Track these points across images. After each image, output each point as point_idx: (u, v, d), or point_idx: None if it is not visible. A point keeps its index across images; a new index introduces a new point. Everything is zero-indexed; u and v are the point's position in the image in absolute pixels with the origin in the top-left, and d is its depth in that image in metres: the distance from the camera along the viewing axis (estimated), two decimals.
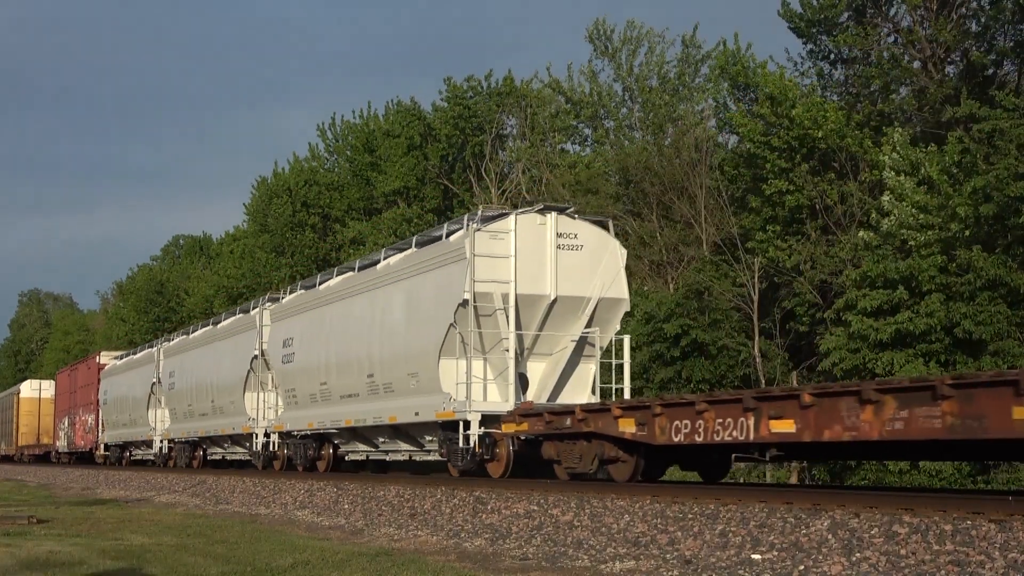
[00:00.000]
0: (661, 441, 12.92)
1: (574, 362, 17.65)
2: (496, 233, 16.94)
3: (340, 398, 20.84)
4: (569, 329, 17.37)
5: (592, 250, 17.41)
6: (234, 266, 50.08)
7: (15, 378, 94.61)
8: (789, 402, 11.08)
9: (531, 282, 16.90)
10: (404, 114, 38.84)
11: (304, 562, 9.93)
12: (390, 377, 18.87)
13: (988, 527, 8.13)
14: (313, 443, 22.67)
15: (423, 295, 18.02)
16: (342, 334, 20.76)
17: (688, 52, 34.66)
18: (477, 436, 16.46)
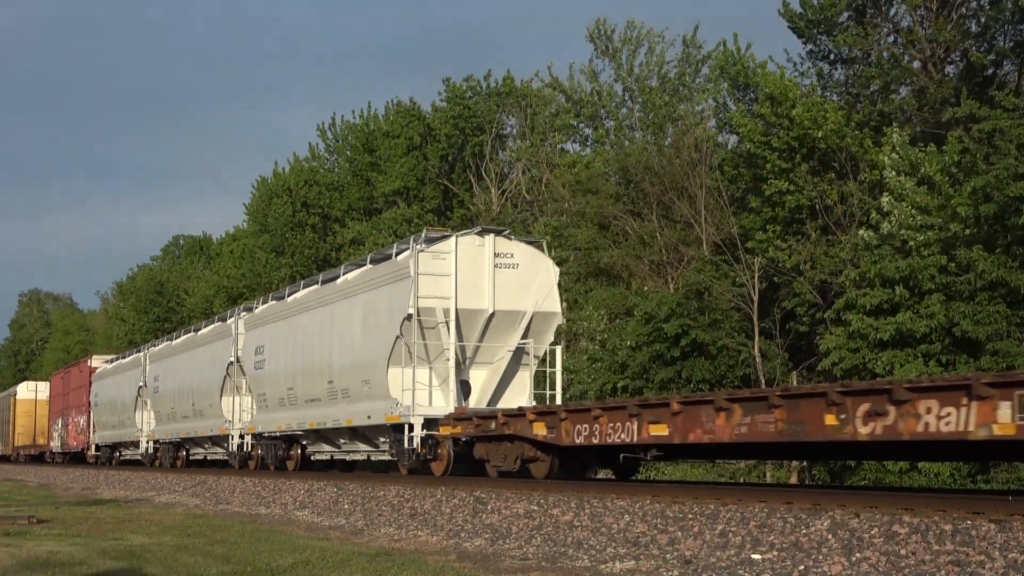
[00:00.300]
0: (567, 442, 14.54)
1: (512, 370, 19.35)
2: (438, 253, 18.64)
3: (305, 402, 22.50)
4: (507, 340, 18.99)
5: (527, 268, 19.07)
6: (234, 266, 50.07)
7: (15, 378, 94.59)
8: (663, 409, 12.62)
9: (471, 298, 18.60)
10: (404, 114, 38.84)
11: (304, 562, 9.93)
12: (347, 383, 20.62)
13: (988, 527, 8.13)
14: (283, 444, 24.35)
15: (374, 309, 19.78)
16: (306, 343, 22.52)
17: (688, 52, 34.68)
18: (420, 438, 18.18)
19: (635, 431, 13.10)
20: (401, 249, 19.61)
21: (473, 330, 18.82)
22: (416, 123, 38.23)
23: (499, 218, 35.21)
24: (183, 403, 30.66)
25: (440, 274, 18.49)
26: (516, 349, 19.07)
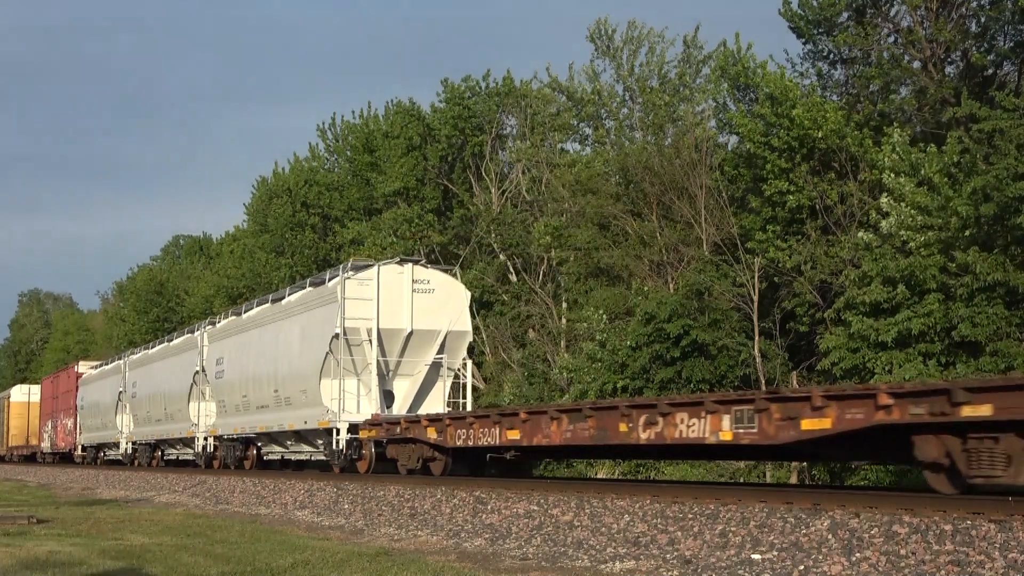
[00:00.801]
0: (451, 444, 17.23)
1: (431, 380, 22.24)
2: (363, 280, 21.48)
3: (256, 408, 25.28)
4: (425, 355, 21.97)
5: (442, 293, 22.04)
6: (234, 266, 50.03)
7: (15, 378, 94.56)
8: (515, 418, 15.45)
9: (392, 318, 21.51)
10: (403, 114, 38.79)
11: (304, 562, 9.93)
12: (289, 392, 23.42)
13: (988, 527, 8.13)
14: (240, 445, 27.08)
15: (310, 328, 22.68)
16: (257, 355, 25.36)
17: (689, 53, 34.66)
18: (345, 440, 20.99)
19: (497, 435, 15.97)
20: (332, 276, 22.48)
21: (394, 346, 21.72)
22: (416, 123, 38.19)
23: (499, 218, 35.20)
24: (157, 407, 33.44)
25: (364, 298, 21.36)
26: (433, 363, 22.00)
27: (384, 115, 41.23)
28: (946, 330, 20.09)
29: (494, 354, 34.55)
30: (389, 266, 21.93)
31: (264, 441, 26.02)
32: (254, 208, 48.90)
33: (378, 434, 19.67)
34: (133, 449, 36.75)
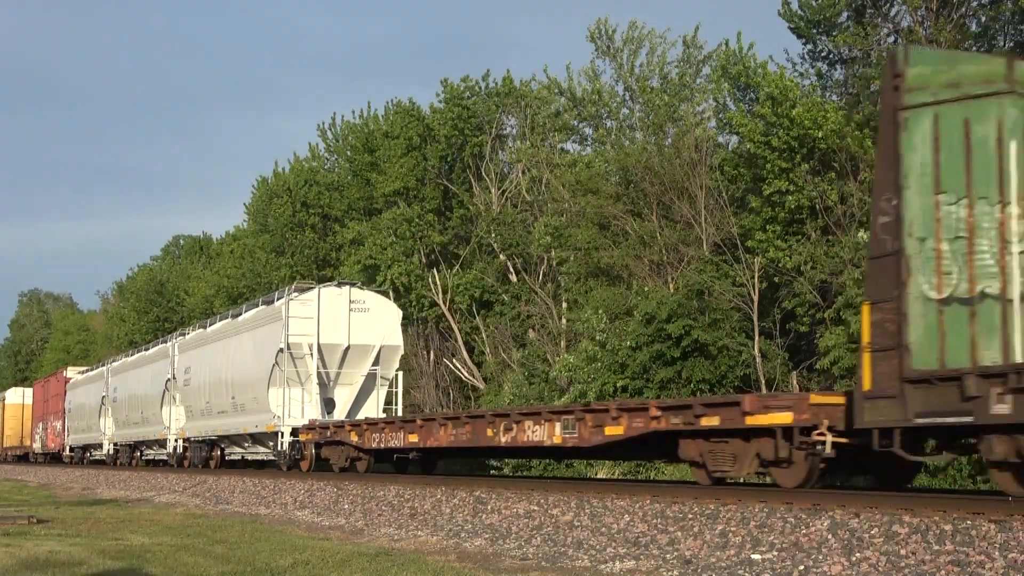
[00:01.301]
0: (368, 446, 19.88)
1: (368, 389, 25.04)
2: (305, 300, 24.35)
3: (217, 413, 28.07)
4: (361, 367, 24.80)
5: (376, 312, 24.94)
6: (234, 266, 50.01)
7: (15, 378, 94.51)
8: (414, 424, 18.31)
9: (331, 334, 24.33)
10: (403, 115, 38.76)
11: (304, 562, 9.94)
12: (243, 399, 26.20)
13: (988, 527, 8.13)
14: (206, 446, 29.70)
15: (260, 342, 25.58)
16: (218, 365, 28.13)
17: (689, 53, 34.63)
18: (288, 442, 23.82)
19: (402, 438, 18.56)
20: (279, 296, 25.34)
21: (334, 359, 24.59)
22: (415, 123, 38.16)
23: (499, 218, 35.19)
24: (135, 411, 36.09)
25: (306, 317, 24.17)
26: (369, 373, 24.83)
27: (384, 115, 41.19)
28: None
29: (494, 354, 34.56)
30: (329, 288, 25.06)
31: (226, 443, 28.85)
32: (254, 208, 48.87)
33: (314, 437, 22.60)
34: (115, 450, 39.24)
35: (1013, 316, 9.98)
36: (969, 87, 10.33)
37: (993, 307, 9.99)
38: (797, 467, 11.64)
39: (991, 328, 9.96)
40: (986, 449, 9.66)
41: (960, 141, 10.21)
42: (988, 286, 10.04)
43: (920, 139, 10.26)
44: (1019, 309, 10.02)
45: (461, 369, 36.14)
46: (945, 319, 10.01)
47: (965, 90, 10.33)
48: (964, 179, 10.14)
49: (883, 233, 10.37)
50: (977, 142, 10.19)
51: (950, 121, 10.24)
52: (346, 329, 24.54)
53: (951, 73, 10.47)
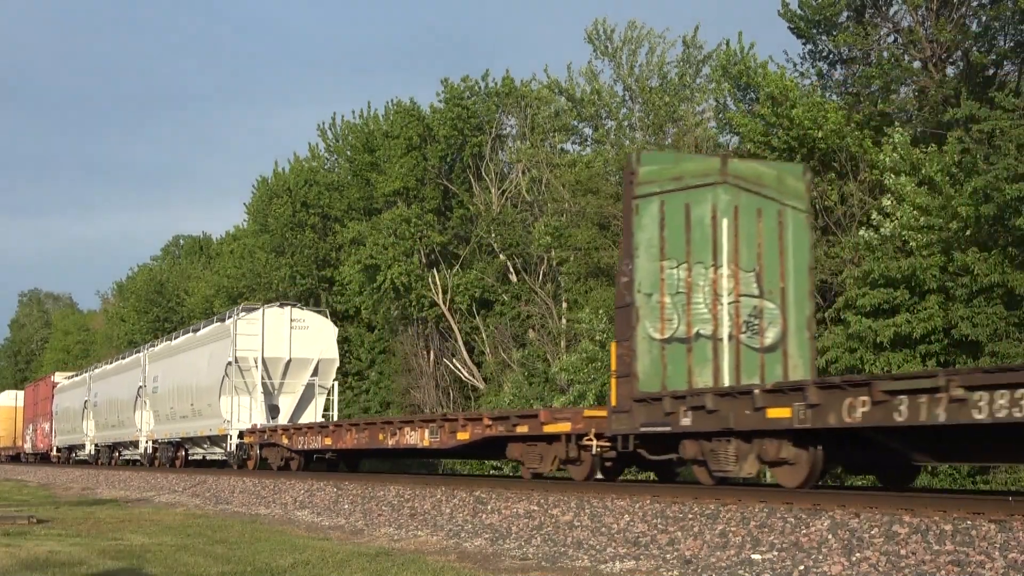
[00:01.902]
0: (297, 447, 23.34)
1: (308, 397, 28.83)
2: (251, 319, 27.86)
3: (180, 417, 31.70)
4: (302, 378, 28.66)
5: (315, 329, 28.70)
6: (234, 266, 50.00)
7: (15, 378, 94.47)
8: (328, 428, 22.03)
9: (274, 349, 27.97)
10: (403, 114, 38.73)
11: (304, 562, 9.94)
12: (200, 406, 29.73)
13: (988, 527, 8.13)
14: (171, 447, 33.41)
15: (213, 355, 29.07)
16: (179, 375, 31.92)
17: (689, 53, 34.60)
18: (235, 444, 27.31)
19: (320, 441, 22.06)
20: (229, 316, 28.98)
21: (277, 371, 28.30)
22: (415, 123, 38.13)
23: (499, 218, 35.17)
24: (112, 415, 39.27)
25: (252, 334, 27.67)
26: (309, 383, 28.62)
27: (384, 115, 41.17)
28: (945, 330, 20.06)
29: (494, 354, 34.55)
30: (272, 308, 28.77)
31: (189, 444, 32.32)
32: (254, 208, 48.85)
33: (256, 439, 25.96)
34: (96, 450, 42.03)
35: (722, 351, 13.58)
36: (690, 180, 13.81)
37: (706, 344, 13.55)
38: (585, 464, 15.04)
39: (704, 360, 13.50)
40: (681, 450, 13.02)
41: (682, 220, 13.63)
42: (702, 328, 13.60)
43: (649, 219, 13.53)
44: (727, 345, 13.71)
45: (461, 369, 36.14)
46: (667, 354, 13.40)
47: (687, 182, 13.77)
48: (685, 248, 13.61)
49: (623, 289, 13.54)
50: (695, 220, 13.67)
51: (674, 205, 13.63)
52: (287, 344, 28.21)
53: (676, 169, 13.91)
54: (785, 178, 14.69)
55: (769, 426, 11.33)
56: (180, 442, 32.55)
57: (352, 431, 20.78)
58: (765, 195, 14.36)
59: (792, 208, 14.46)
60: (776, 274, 14.20)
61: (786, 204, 14.43)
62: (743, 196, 14.17)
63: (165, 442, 33.51)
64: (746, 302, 13.99)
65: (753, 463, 11.93)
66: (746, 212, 14.13)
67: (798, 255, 14.39)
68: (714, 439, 12.29)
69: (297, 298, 43.20)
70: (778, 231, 14.30)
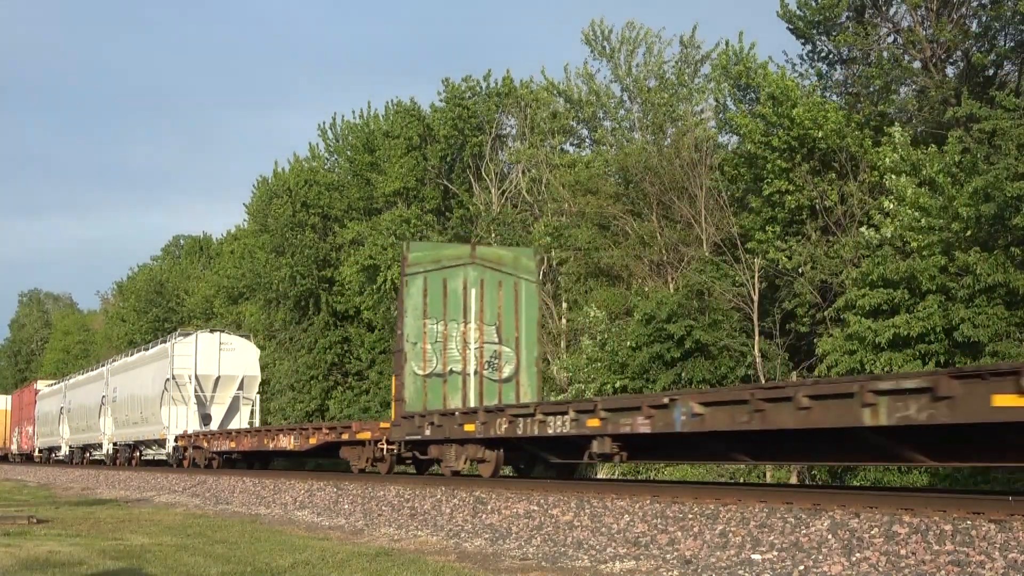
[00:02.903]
0: (212, 449, 29.38)
1: (235, 407, 34.64)
2: (186, 343, 33.81)
3: (132, 424, 37.32)
4: (230, 391, 34.49)
5: (240, 350, 34.65)
6: (234, 266, 49.98)
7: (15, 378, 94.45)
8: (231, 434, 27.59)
9: (206, 367, 33.80)
10: (403, 114, 38.70)
11: (304, 562, 9.93)
12: (147, 414, 35.49)
13: (988, 527, 8.12)
14: (128, 448, 38.42)
15: (156, 372, 34.96)
16: (132, 387, 37.61)
17: (687, 53, 34.59)
18: (172, 446, 32.90)
19: (227, 444, 27.32)
20: (168, 339, 35.20)
21: (208, 385, 34.14)
22: (416, 123, 38.08)
23: (499, 218, 35.14)
24: (82, 420, 44.57)
25: (187, 355, 33.66)
26: (235, 395, 34.53)
27: (384, 115, 41.14)
28: (947, 331, 20.05)
29: None
30: (204, 333, 34.98)
31: (142, 446, 37.32)
32: (254, 208, 48.82)
33: (186, 443, 31.77)
34: (70, 451, 47.05)
35: (470, 382, 19.30)
36: (446, 262, 19.62)
37: (457, 378, 19.27)
38: (387, 462, 20.55)
39: (456, 389, 19.24)
40: (428, 452, 18.14)
41: (440, 290, 19.39)
42: (454, 366, 19.33)
43: (415, 290, 19.20)
44: (473, 379, 19.43)
45: None
46: (427, 385, 19.11)
47: (444, 263, 19.57)
48: (442, 310, 19.36)
49: (399, 339, 19.31)
50: (451, 290, 19.38)
51: (434, 280, 19.40)
52: (217, 363, 33.98)
53: (435, 255, 19.83)
54: (520, 258, 20.31)
55: (465, 436, 16.39)
56: (135, 444, 37.78)
57: (247, 437, 26.81)
58: (504, 271, 19.92)
59: (525, 280, 20.06)
60: (512, 327, 19.81)
61: (521, 277, 20.03)
62: (487, 272, 19.78)
63: (123, 444, 38.71)
64: (488, 347, 19.69)
65: (465, 461, 17.13)
66: (489, 283, 19.72)
67: (529, 313, 19.96)
68: (443, 444, 17.56)
69: (297, 298, 43.25)
70: (514, 296, 19.85)
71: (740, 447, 12.71)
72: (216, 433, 29.88)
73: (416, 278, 19.54)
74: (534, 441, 15.82)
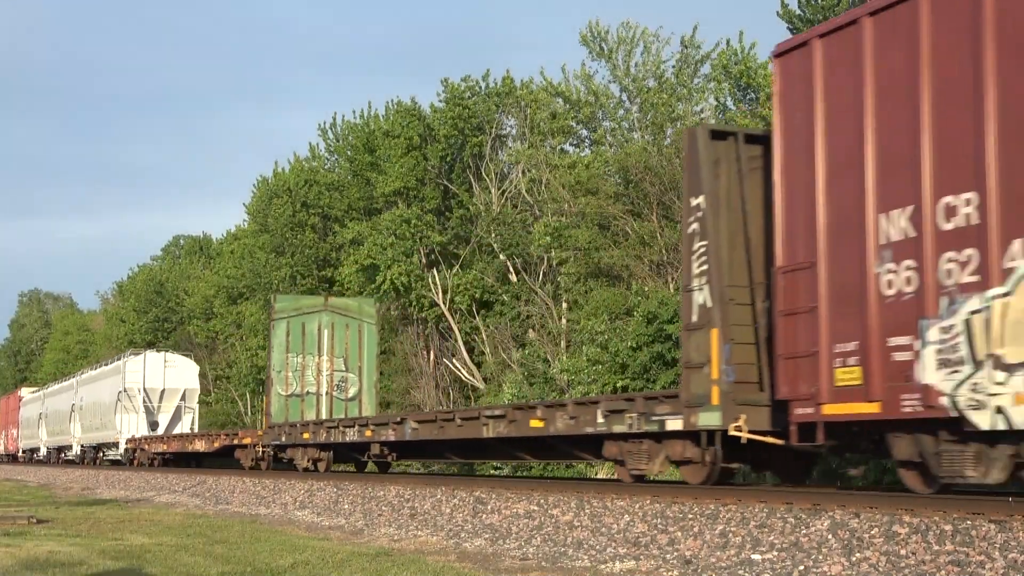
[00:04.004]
0: (152, 451, 36.10)
1: (179, 416, 41.44)
2: (136, 360, 40.74)
3: (94, 428, 44.04)
4: (174, 401, 41.34)
5: (181, 367, 41.74)
6: (234, 266, 49.95)
7: (15, 378, 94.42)
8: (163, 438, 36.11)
9: (153, 381, 40.83)
10: (403, 114, 38.67)
11: (304, 562, 9.93)
12: (104, 421, 42.33)
13: (988, 527, 8.13)
14: (92, 449, 44.57)
15: (111, 384, 41.81)
16: (94, 397, 44.63)
17: (687, 52, 34.54)
18: (123, 448, 39.32)
19: (165, 447, 33.98)
20: (123, 357, 42.09)
21: (155, 396, 41.09)
22: (416, 123, 38.05)
23: (499, 218, 35.13)
24: (57, 425, 51.65)
25: (136, 371, 40.70)
26: (179, 405, 41.44)
27: (384, 115, 41.12)
28: None
29: (494, 354, 34.52)
30: (151, 353, 42.24)
31: (103, 448, 43.01)
32: (254, 208, 48.80)
33: (133, 445, 38.46)
34: (48, 451, 53.64)
35: (322, 401, 26.62)
36: (305, 310, 26.80)
37: (313, 397, 26.54)
38: (267, 461, 25.90)
39: (311, 406, 26.39)
40: (290, 453, 23.81)
41: (300, 331, 26.52)
42: (310, 389, 26.49)
43: (280, 332, 26.50)
44: (325, 398, 26.54)
45: (461, 369, 36.12)
46: (289, 403, 26.17)
47: (303, 311, 26.84)
48: (302, 346, 26.54)
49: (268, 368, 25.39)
50: (308, 332, 26.61)
51: (295, 324, 26.46)
52: (162, 378, 41.16)
53: (296, 305, 27.22)
54: (363, 306, 28.23)
55: (304, 442, 22.78)
56: (97, 446, 43.71)
57: (174, 441, 34.13)
58: (351, 316, 27.42)
59: (367, 323, 27.61)
60: (356, 358, 27.29)
61: (364, 321, 27.52)
62: (337, 317, 27.22)
63: (88, 446, 45.20)
64: (337, 374, 26.99)
65: (307, 460, 22.83)
66: (339, 326, 27.16)
67: (370, 348, 27.57)
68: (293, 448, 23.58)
69: None
70: (358, 335, 27.32)
71: (451, 449, 19.62)
72: (153, 437, 37.50)
73: (281, 322, 26.75)
74: (343, 446, 21.84)
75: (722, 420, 11.65)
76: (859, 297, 10.33)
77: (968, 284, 9.33)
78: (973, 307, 9.25)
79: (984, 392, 9.07)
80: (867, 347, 10.19)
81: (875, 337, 10.12)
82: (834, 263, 10.68)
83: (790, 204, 11.35)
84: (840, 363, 10.47)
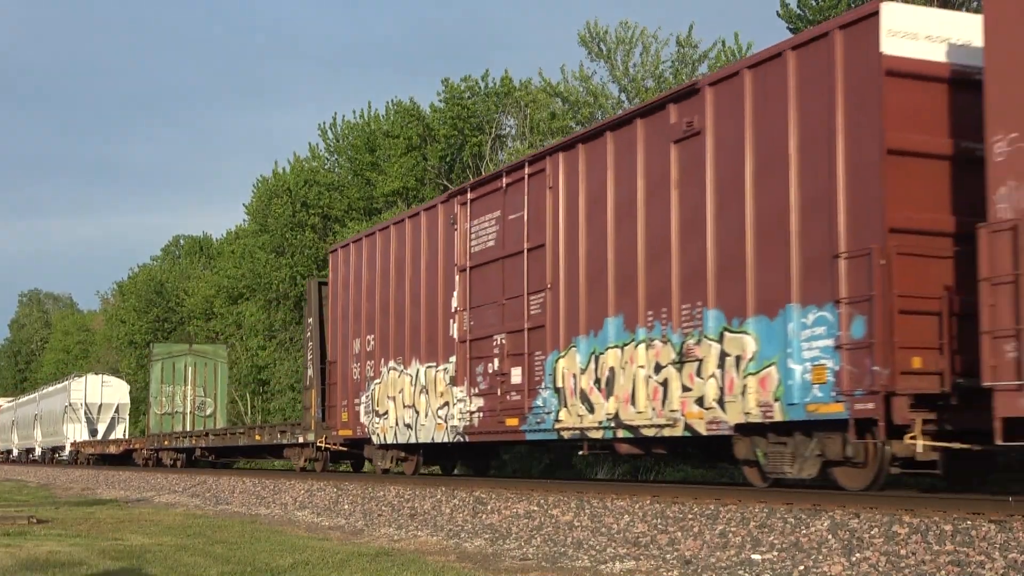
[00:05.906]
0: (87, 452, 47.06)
1: (113, 425, 51.44)
2: (79, 380, 52.43)
3: (49, 434, 54.33)
4: (109, 414, 51.57)
5: (115, 386, 52.92)
6: (234, 266, 49.94)
7: (15, 379, 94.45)
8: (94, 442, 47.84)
9: (94, 397, 51.52)
10: (403, 114, 38.63)
11: (304, 562, 9.93)
12: (55, 428, 52.34)
13: (988, 527, 8.13)
14: (49, 451, 54.71)
15: (59, 399, 52.25)
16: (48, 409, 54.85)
17: (684, 52, 34.50)
18: (68, 451, 49.99)
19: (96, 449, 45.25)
20: (69, 378, 53.36)
21: (95, 410, 50.94)
22: (415, 123, 38.01)
23: None
24: (25, 430, 61.68)
25: (79, 389, 51.13)
26: (113, 416, 51.28)
27: (385, 115, 41.11)
28: None
29: None
30: (92, 374, 53.62)
31: (56, 450, 52.88)
32: (254, 208, 48.76)
33: (76, 448, 47.71)
34: (19, 453, 63.47)
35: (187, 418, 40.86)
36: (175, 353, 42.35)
37: (180, 415, 40.93)
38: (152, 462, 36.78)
39: (179, 422, 40.43)
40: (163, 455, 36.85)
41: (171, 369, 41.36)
42: (177, 408, 40.95)
43: (157, 370, 41.59)
44: (189, 416, 40.89)
45: None
46: (162, 418, 40.51)
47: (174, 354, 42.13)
48: (172, 379, 41.18)
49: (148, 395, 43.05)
50: (178, 369, 41.51)
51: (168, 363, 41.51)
52: (100, 395, 51.51)
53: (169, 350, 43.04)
54: (218, 350, 42.83)
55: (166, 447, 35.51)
56: (52, 448, 53.71)
57: (97, 444, 44.72)
58: (208, 358, 41.44)
59: (220, 362, 41.57)
60: (212, 387, 41.00)
61: (218, 360, 41.56)
62: (199, 359, 41.17)
63: (46, 448, 55.57)
64: (199, 399, 40.13)
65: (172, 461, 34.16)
66: (200, 364, 40.84)
67: (222, 380, 41.49)
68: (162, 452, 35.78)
69: (297, 298, 43.24)
70: (214, 371, 41.26)
71: (240, 453, 30.15)
72: (88, 442, 47.65)
73: (157, 362, 41.12)
74: (183, 449, 34.01)
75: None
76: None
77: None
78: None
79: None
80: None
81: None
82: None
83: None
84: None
